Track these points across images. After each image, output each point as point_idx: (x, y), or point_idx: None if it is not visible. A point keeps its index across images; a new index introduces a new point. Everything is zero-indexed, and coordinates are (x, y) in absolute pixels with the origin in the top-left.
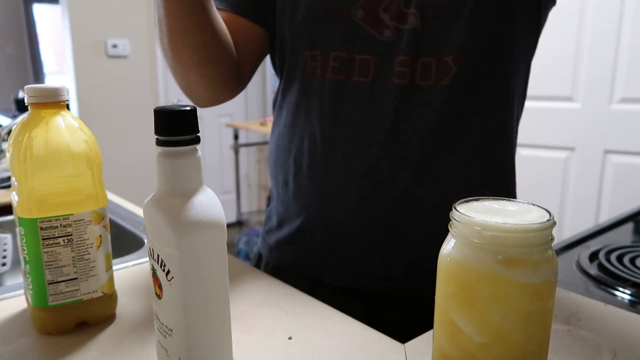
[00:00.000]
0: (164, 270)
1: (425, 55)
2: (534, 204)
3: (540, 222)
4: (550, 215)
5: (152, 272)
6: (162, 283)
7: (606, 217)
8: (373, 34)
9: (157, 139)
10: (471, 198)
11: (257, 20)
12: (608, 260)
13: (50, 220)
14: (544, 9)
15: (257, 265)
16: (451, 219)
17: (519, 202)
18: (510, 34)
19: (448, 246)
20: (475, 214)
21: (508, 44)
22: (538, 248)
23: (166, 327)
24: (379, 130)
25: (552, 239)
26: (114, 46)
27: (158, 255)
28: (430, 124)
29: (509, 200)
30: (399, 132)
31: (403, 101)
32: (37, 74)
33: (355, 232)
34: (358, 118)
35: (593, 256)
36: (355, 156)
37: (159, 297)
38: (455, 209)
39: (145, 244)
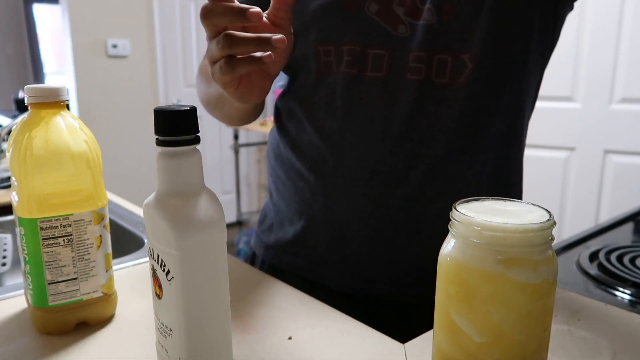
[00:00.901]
0: (164, 270)
1: (442, 52)
2: (534, 204)
3: (540, 222)
4: (550, 215)
5: (152, 272)
6: (162, 283)
7: (606, 217)
8: (387, 29)
9: (157, 139)
10: (471, 198)
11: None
12: (608, 260)
13: (50, 220)
14: (561, 12)
15: (251, 264)
16: (451, 219)
17: (519, 202)
18: (528, 34)
19: (448, 246)
20: (475, 214)
21: (525, 44)
22: (538, 248)
23: (166, 327)
24: (391, 125)
25: (552, 239)
26: (114, 46)
27: (158, 255)
28: (445, 123)
29: (509, 200)
30: (412, 129)
31: (418, 97)
32: (37, 74)
33: (361, 232)
34: (370, 112)
35: (593, 256)
36: (366, 151)
37: (159, 297)
38: (455, 209)
39: (145, 244)
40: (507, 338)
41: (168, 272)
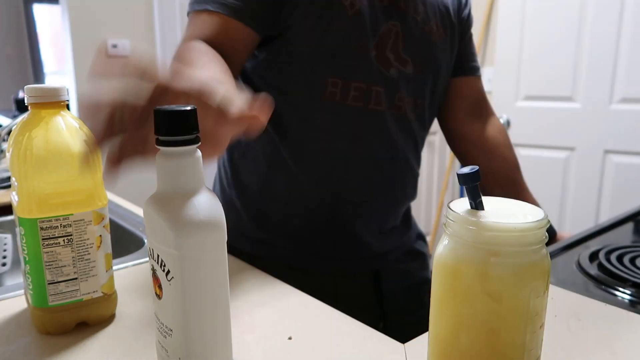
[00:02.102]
0: (163, 271)
1: (412, 96)
2: (528, 204)
3: (534, 222)
4: (544, 214)
5: (152, 272)
6: (162, 283)
7: (606, 217)
8: (383, 71)
9: (157, 139)
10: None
11: (258, 27)
12: (608, 260)
13: (50, 220)
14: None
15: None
16: (446, 218)
17: (513, 201)
18: (446, 87)
19: (443, 245)
20: (470, 214)
21: (443, 93)
22: (532, 247)
23: (166, 327)
24: (385, 148)
25: (546, 238)
26: (114, 46)
27: (158, 255)
28: (408, 146)
29: (503, 199)
30: (398, 151)
31: (401, 128)
32: (37, 74)
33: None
34: (369, 140)
35: (593, 256)
36: (368, 169)
37: (159, 297)
38: (449, 208)
39: (145, 244)
40: (502, 336)
41: (168, 272)
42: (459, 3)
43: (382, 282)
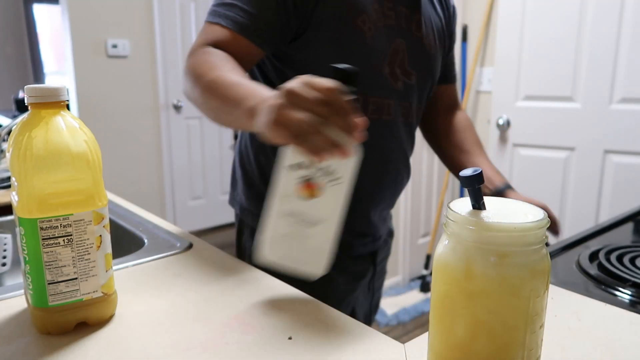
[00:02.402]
0: (332, 175)
1: (415, 103)
2: (528, 204)
3: (534, 222)
4: (543, 214)
5: (304, 180)
6: (323, 186)
7: (606, 217)
8: (392, 85)
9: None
10: (466, 198)
11: (263, 44)
12: (608, 260)
13: (50, 220)
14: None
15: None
16: (446, 218)
17: (513, 201)
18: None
19: (443, 245)
20: (470, 214)
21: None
22: (532, 247)
23: (314, 219)
24: (393, 153)
25: (547, 238)
26: (114, 46)
27: (329, 165)
28: (409, 143)
29: (504, 200)
30: (401, 151)
31: (406, 131)
32: (37, 74)
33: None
34: (384, 145)
35: (593, 256)
36: (379, 173)
37: (309, 198)
38: (449, 208)
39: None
40: (502, 336)
41: (338, 177)
42: (448, 16)
43: (377, 259)
